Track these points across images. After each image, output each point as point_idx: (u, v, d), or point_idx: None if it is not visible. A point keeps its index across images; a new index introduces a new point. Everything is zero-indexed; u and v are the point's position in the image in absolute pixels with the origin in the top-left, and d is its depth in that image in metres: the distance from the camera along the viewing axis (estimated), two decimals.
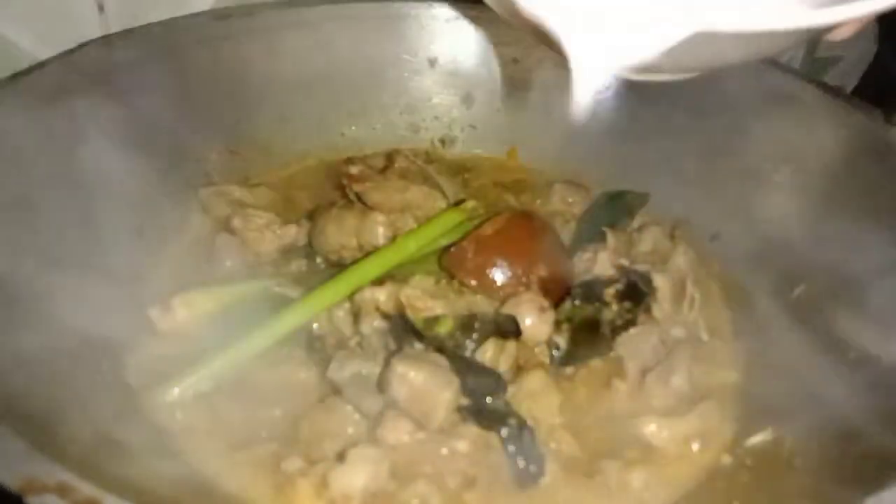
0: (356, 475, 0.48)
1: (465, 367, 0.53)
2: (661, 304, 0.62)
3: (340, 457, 0.49)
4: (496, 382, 0.54)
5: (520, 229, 0.64)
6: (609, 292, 0.62)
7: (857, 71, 1.12)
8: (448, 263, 0.63)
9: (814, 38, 0.65)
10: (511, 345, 0.57)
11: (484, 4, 0.48)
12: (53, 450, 0.37)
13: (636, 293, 0.62)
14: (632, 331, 0.60)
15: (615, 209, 0.72)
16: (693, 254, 0.67)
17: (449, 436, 0.52)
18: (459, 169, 0.80)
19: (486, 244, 0.62)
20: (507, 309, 0.59)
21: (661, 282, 0.62)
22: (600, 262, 0.64)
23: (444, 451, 0.51)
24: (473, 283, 0.61)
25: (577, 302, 0.61)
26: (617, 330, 0.60)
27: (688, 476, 0.52)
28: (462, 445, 0.51)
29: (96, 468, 0.38)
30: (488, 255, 0.62)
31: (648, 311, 0.62)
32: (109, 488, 0.35)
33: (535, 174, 0.81)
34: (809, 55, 1.09)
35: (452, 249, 0.64)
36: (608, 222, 0.70)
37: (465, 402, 0.53)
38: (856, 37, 0.50)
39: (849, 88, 1.12)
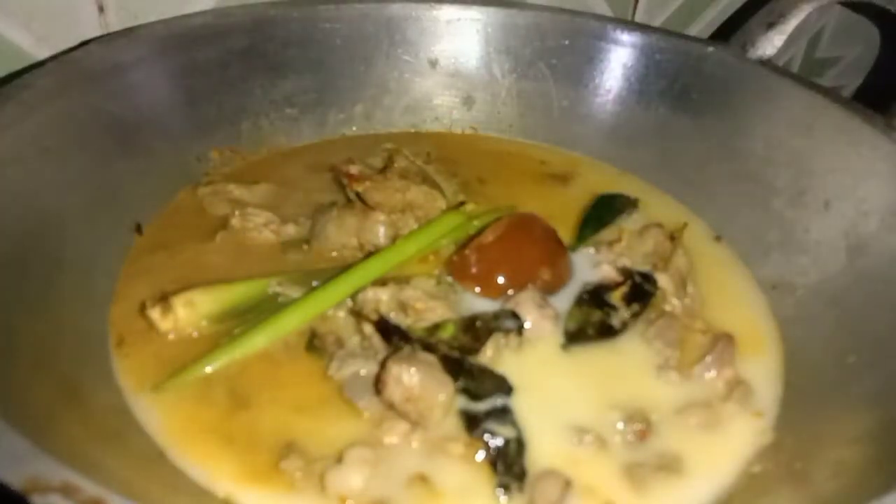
0: (353, 476, 0.48)
1: (459, 369, 0.53)
2: (670, 301, 0.62)
3: (338, 457, 0.49)
4: (497, 384, 0.54)
5: (521, 234, 0.64)
6: (616, 295, 0.62)
7: (857, 72, 1.13)
8: (451, 271, 0.63)
9: None
10: None
11: (485, 6, 0.48)
12: (57, 449, 0.37)
13: (643, 294, 0.62)
14: (660, 322, 0.60)
15: (611, 210, 0.73)
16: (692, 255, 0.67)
17: (445, 437, 0.52)
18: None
19: (489, 252, 0.62)
20: (508, 307, 0.59)
21: (665, 281, 0.62)
22: (605, 263, 0.65)
23: (441, 451, 0.51)
24: (478, 290, 0.62)
25: (584, 308, 0.61)
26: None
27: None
28: (457, 448, 0.51)
29: (98, 468, 0.38)
30: (491, 263, 0.62)
31: (658, 308, 0.62)
32: (112, 488, 0.35)
33: None
34: (809, 55, 1.09)
35: (455, 257, 0.64)
36: (606, 223, 0.71)
37: (462, 404, 0.53)
38: (855, 37, 0.50)
39: (850, 89, 1.13)
